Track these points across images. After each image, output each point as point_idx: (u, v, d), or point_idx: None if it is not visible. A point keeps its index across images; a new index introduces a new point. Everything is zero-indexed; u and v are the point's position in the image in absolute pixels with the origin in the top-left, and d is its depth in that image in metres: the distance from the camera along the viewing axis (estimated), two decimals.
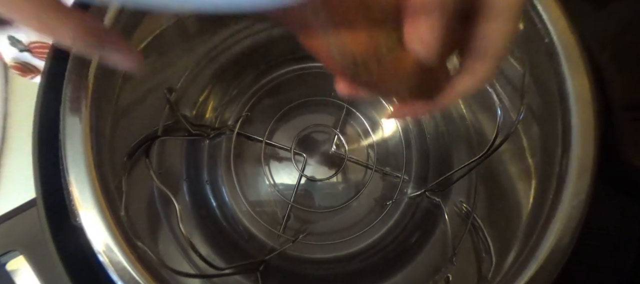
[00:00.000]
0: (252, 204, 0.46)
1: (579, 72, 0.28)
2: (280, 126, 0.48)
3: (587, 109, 0.28)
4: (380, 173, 0.47)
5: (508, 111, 0.35)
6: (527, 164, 0.34)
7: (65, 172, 0.27)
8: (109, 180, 0.29)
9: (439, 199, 0.42)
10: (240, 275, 0.40)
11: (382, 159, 0.48)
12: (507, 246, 0.32)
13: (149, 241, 0.33)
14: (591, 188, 0.27)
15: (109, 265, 0.26)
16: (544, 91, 0.31)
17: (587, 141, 0.28)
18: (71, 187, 0.27)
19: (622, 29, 0.32)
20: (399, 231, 0.46)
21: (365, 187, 0.46)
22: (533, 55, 0.30)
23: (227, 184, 0.47)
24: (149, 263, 0.28)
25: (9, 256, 0.29)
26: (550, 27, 0.29)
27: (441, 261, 0.40)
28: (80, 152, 0.27)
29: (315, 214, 0.47)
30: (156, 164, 0.40)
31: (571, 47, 0.28)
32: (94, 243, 0.26)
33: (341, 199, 0.47)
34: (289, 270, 0.44)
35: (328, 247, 0.46)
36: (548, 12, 0.29)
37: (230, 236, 0.45)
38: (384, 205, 0.46)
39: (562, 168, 0.28)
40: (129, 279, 0.26)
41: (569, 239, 0.27)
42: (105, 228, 0.26)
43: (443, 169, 0.45)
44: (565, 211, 0.27)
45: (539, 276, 0.27)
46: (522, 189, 0.35)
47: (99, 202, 0.27)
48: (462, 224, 0.40)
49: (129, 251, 0.26)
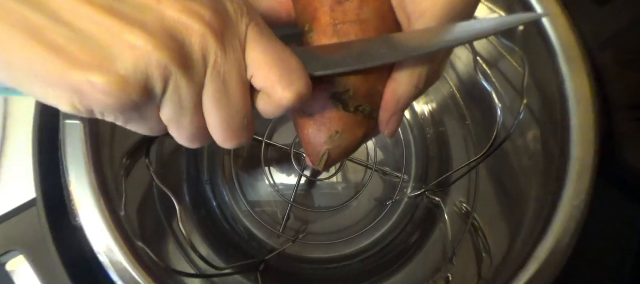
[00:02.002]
0: (252, 204, 0.46)
1: (579, 72, 0.28)
2: (280, 125, 0.48)
3: (587, 109, 0.28)
4: (380, 173, 0.47)
5: (508, 111, 0.35)
6: (527, 164, 0.34)
7: (65, 172, 0.27)
8: (109, 180, 0.29)
9: (439, 199, 0.42)
10: (240, 275, 0.40)
11: (382, 159, 0.48)
12: (507, 246, 0.32)
13: (149, 241, 0.33)
14: (591, 188, 0.27)
15: (109, 265, 0.26)
16: (544, 91, 0.31)
17: (587, 141, 0.28)
18: (71, 187, 0.27)
19: (623, 28, 0.32)
20: (399, 231, 0.46)
21: (365, 188, 0.46)
22: (533, 56, 0.30)
23: (227, 184, 0.47)
24: (149, 263, 0.28)
25: (9, 256, 0.29)
26: (550, 26, 0.29)
27: (441, 261, 0.40)
28: (80, 152, 0.27)
29: (315, 214, 0.47)
30: (156, 164, 0.40)
31: (571, 47, 0.28)
32: (94, 243, 0.26)
33: (341, 199, 0.47)
34: (289, 270, 0.44)
35: (328, 247, 0.46)
36: (548, 12, 0.29)
37: (230, 236, 0.45)
38: (384, 205, 0.46)
39: (562, 168, 0.28)
40: (129, 279, 0.26)
41: (569, 239, 0.27)
42: (105, 228, 0.26)
43: (443, 169, 0.45)
44: (565, 211, 0.27)
45: (539, 276, 0.27)
46: (522, 190, 0.35)
47: (99, 202, 0.27)
48: (462, 224, 0.40)
49: (129, 251, 0.26)
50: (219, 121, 0.17)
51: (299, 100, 0.17)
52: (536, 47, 0.30)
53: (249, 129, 0.18)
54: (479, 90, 0.38)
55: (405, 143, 0.48)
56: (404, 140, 0.48)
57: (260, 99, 0.18)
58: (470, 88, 0.42)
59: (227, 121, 0.17)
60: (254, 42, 0.17)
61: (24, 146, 0.32)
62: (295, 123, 0.22)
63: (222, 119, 0.17)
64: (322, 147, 0.21)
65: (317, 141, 0.21)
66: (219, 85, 0.17)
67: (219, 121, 0.17)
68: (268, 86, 0.17)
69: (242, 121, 0.18)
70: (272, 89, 0.17)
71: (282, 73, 0.17)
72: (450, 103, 0.45)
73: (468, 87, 0.42)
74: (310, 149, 0.22)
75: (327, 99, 0.20)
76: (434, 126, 0.48)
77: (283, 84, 0.17)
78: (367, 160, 0.47)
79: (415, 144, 0.48)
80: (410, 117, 0.49)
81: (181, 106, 0.17)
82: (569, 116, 0.28)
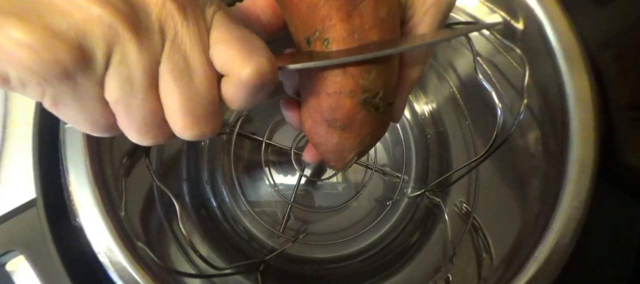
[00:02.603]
0: (252, 204, 0.46)
1: (579, 72, 0.28)
2: (280, 126, 0.48)
3: (587, 109, 0.28)
4: (380, 173, 0.47)
5: (508, 111, 0.35)
6: (527, 164, 0.34)
7: (65, 172, 0.27)
8: (109, 180, 0.29)
9: (439, 199, 0.42)
10: (240, 275, 0.40)
11: (382, 159, 0.48)
12: (507, 246, 0.32)
13: (149, 241, 0.33)
14: (591, 188, 0.27)
15: (109, 265, 0.26)
16: (544, 91, 0.31)
17: (587, 141, 0.28)
18: (71, 187, 0.27)
19: (623, 28, 0.32)
20: (399, 231, 0.46)
21: (365, 188, 0.46)
22: (533, 56, 0.30)
23: (227, 184, 0.47)
24: (149, 263, 0.28)
25: (9, 256, 0.29)
26: (550, 26, 0.29)
27: (441, 261, 0.40)
28: (80, 152, 0.27)
29: (315, 214, 0.47)
30: (156, 164, 0.40)
31: (571, 47, 0.28)
32: (94, 243, 0.26)
33: (341, 199, 0.47)
34: (289, 270, 0.44)
35: (328, 247, 0.46)
36: (548, 12, 0.29)
37: (230, 236, 0.45)
38: (384, 205, 0.46)
39: (562, 168, 0.28)
40: (129, 279, 0.26)
41: (569, 239, 0.27)
42: (105, 228, 0.26)
43: (443, 169, 0.45)
44: (565, 211, 0.27)
45: (539, 276, 0.27)
46: (522, 189, 0.35)
47: (99, 202, 0.27)
48: (462, 224, 0.40)
49: (129, 251, 0.26)
50: (179, 102, 0.15)
51: (259, 76, 0.15)
52: (536, 47, 0.30)
53: (214, 119, 0.16)
54: (479, 90, 0.38)
55: (405, 143, 0.48)
56: (404, 140, 0.48)
57: (223, 82, 0.16)
58: (470, 88, 0.42)
59: (188, 103, 0.15)
60: (219, 25, 0.16)
61: (24, 146, 0.32)
62: (316, 134, 0.21)
63: (182, 101, 0.15)
64: (350, 153, 0.21)
65: (345, 147, 0.21)
66: (179, 60, 0.15)
67: (179, 102, 0.15)
68: (226, 61, 0.15)
69: (206, 107, 0.16)
70: (231, 64, 0.15)
71: (242, 47, 0.15)
72: (450, 103, 0.45)
73: (468, 87, 0.42)
74: (335, 156, 0.22)
75: (358, 105, 0.19)
76: (434, 126, 0.48)
77: (242, 56, 0.15)
78: (367, 160, 0.47)
79: (415, 144, 0.48)
80: (410, 117, 0.49)
81: (131, 82, 0.14)
82: (569, 116, 0.28)
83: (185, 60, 0.15)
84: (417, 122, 0.49)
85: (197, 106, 0.15)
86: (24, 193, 0.30)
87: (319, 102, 0.20)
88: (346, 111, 0.19)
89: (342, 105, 0.19)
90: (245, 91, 0.16)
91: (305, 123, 0.22)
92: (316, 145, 0.22)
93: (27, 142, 0.29)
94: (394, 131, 0.49)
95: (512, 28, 0.32)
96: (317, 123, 0.21)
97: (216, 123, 0.16)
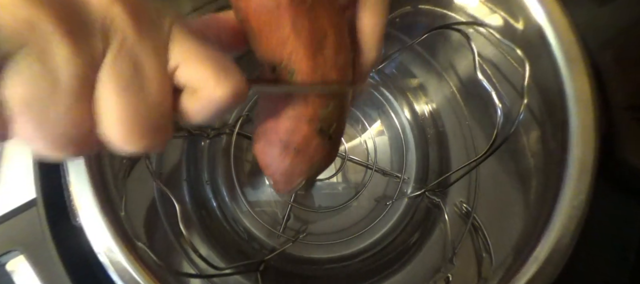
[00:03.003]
0: (252, 204, 0.46)
1: (579, 72, 0.28)
2: None
3: (587, 109, 0.28)
4: (380, 173, 0.47)
5: (508, 111, 0.35)
6: (527, 164, 0.34)
7: (65, 172, 0.27)
8: (109, 180, 0.29)
9: (439, 199, 0.42)
10: (240, 275, 0.40)
11: (382, 159, 0.48)
12: (507, 246, 0.32)
13: (149, 241, 0.33)
14: (591, 188, 0.27)
15: (109, 265, 0.26)
16: (544, 91, 0.31)
17: (587, 141, 0.28)
18: (71, 187, 0.27)
19: (623, 28, 0.32)
20: (399, 231, 0.46)
21: (365, 188, 0.46)
22: (533, 56, 0.30)
23: (227, 184, 0.47)
24: (149, 263, 0.28)
25: (9, 256, 0.29)
26: (550, 26, 0.29)
27: (441, 261, 0.40)
28: None
29: (315, 214, 0.47)
30: (156, 164, 0.40)
31: (571, 47, 0.28)
32: (94, 243, 0.26)
33: (341, 199, 0.47)
34: (289, 270, 0.44)
35: (328, 247, 0.46)
36: (548, 11, 0.29)
37: (230, 236, 0.45)
38: (384, 205, 0.46)
39: (562, 168, 0.28)
40: (129, 279, 0.26)
41: (569, 239, 0.27)
42: (105, 228, 0.26)
43: (443, 169, 0.45)
44: (565, 211, 0.27)
45: (539, 276, 0.27)
46: (522, 189, 0.35)
47: (99, 202, 0.27)
48: (462, 224, 0.40)
49: (129, 251, 0.26)
50: (122, 110, 0.13)
51: (233, 97, 0.15)
52: (536, 47, 0.30)
53: (165, 132, 0.15)
54: (479, 90, 0.38)
55: (405, 143, 0.48)
56: (404, 140, 0.48)
57: (184, 97, 0.15)
58: (470, 88, 0.42)
59: (134, 114, 0.14)
60: (180, 39, 0.15)
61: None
62: (268, 155, 0.23)
63: (126, 111, 0.13)
64: (299, 177, 0.23)
65: (296, 171, 0.23)
66: (127, 68, 0.13)
67: (122, 110, 0.13)
68: (197, 79, 0.15)
69: (158, 119, 0.14)
70: (203, 82, 0.15)
71: (216, 67, 0.15)
72: (450, 103, 0.45)
73: (468, 87, 0.42)
74: (284, 179, 0.23)
75: (314, 132, 0.21)
76: (434, 126, 0.48)
77: (217, 76, 0.15)
78: (367, 160, 0.47)
79: (415, 144, 0.48)
80: (410, 117, 0.49)
81: (52, 85, 0.12)
82: (569, 116, 0.28)
83: (135, 69, 0.14)
84: (417, 122, 0.49)
85: (144, 118, 0.14)
86: (24, 193, 0.30)
87: (277, 123, 0.21)
88: (303, 135, 0.21)
89: (300, 129, 0.21)
90: (215, 108, 0.15)
91: (258, 143, 0.23)
92: (265, 167, 0.24)
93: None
94: (394, 131, 0.49)
95: (512, 28, 0.32)
96: (270, 144, 0.22)
97: (165, 136, 0.15)
